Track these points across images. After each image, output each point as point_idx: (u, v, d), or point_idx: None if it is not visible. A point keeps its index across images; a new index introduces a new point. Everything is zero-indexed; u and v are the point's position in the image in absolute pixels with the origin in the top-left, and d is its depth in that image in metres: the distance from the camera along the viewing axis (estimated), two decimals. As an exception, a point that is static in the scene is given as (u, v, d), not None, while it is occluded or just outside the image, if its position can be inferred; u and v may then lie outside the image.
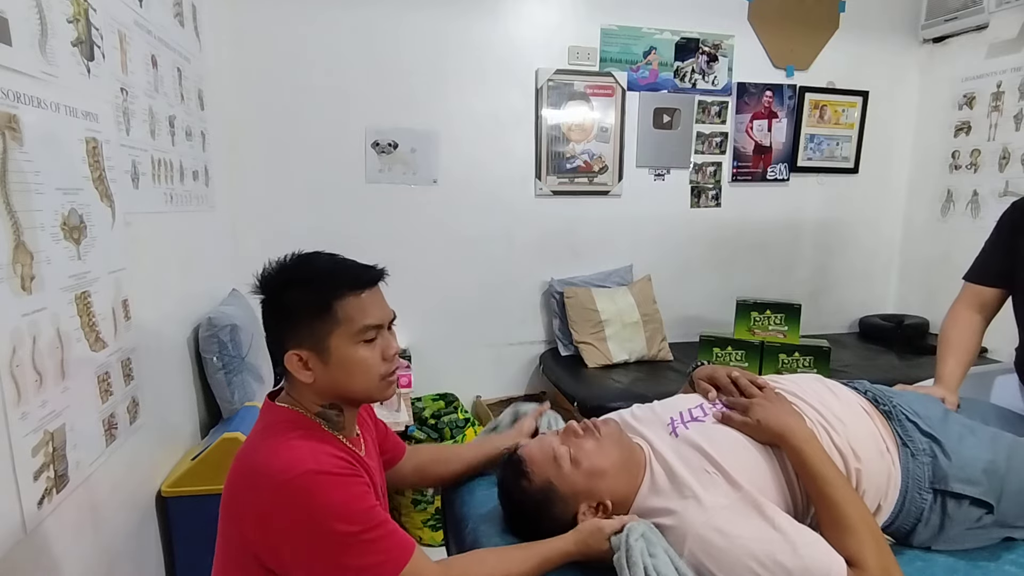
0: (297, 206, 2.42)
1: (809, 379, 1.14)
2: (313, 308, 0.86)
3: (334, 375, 0.88)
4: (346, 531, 0.78)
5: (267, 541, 0.81)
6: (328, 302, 0.86)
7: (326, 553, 0.78)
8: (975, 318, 1.44)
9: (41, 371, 0.99)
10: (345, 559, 0.79)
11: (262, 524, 0.81)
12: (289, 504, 0.78)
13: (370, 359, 0.89)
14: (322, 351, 0.87)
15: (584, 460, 0.97)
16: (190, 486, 1.49)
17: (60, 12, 1.09)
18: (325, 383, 0.88)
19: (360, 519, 0.79)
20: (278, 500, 0.78)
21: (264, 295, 0.90)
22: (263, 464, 0.82)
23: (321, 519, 0.78)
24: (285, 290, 0.88)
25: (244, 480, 0.85)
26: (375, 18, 2.39)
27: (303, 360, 0.87)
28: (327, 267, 0.90)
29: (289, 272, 0.89)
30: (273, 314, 0.90)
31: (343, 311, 0.86)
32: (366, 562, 0.79)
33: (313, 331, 0.86)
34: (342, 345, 0.87)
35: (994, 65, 2.69)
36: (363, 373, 0.89)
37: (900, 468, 1.00)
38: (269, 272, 0.90)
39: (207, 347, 1.70)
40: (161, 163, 1.57)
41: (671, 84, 2.76)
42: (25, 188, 0.96)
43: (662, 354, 2.60)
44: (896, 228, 3.21)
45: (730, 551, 0.83)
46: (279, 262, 0.90)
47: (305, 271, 0.89)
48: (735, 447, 0.97)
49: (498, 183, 2.63)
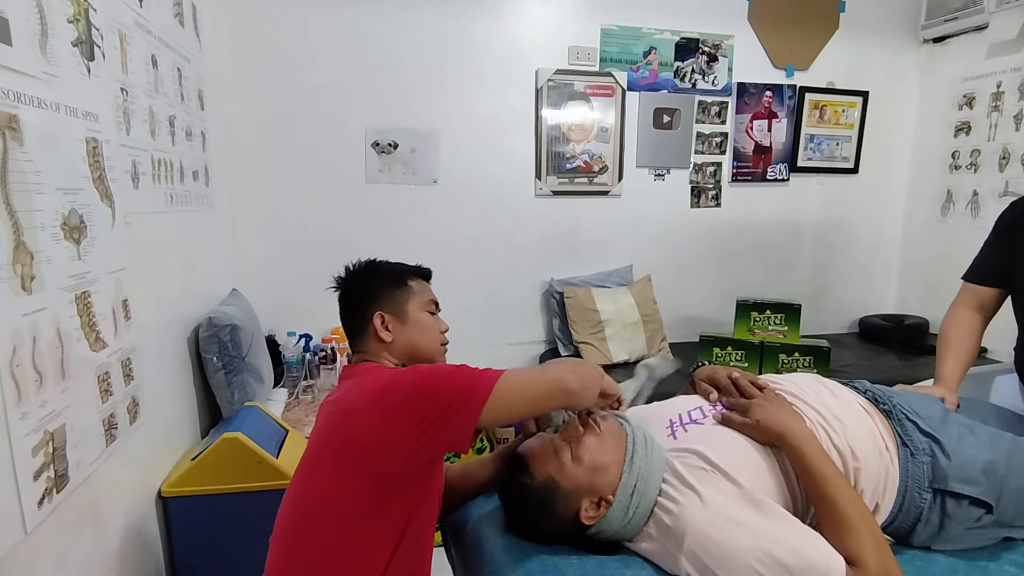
0: (297, 206, 2.42)
1: (808, 379, 1.14)
2: (394, 282, 1.12)
3: (409, 333, 1.10)
4: (451, 368, 0.93)
5: (386, 422, 0.89)
6: (405, 279, 1.14)
7: (437, 391, 0.89)
8: (974, 318, 1.44)
9: (41, 371, 0.99)
10: (453, 388, 0.89)
11: (378, 407, 0.90)
12: (399, 378, 0.92)
13: (435, 324, 1.15)
14: (400, 314, 1.10)
15: (586, 455, 0.97)
16: (190, 486, 1.49)
17: (60, 12, 1.09)
18: (402, 340, 1.09)
19: (457, 367, 0.94)
20: (389, 381, 0.92)
21: (347, 284, 1.14)
22: (365, 382, 0.97)
23: (427, 372, 0.92)
24: (369, 276, 1.13)
25: (351, 396, 0.96)
26: (375, 18, 2.39)
27: (385, 322, 1.08)
28: (395, 263, 1.18)
29: (367, 267, 1.15)
30: (359, 293, 1.11)
31: (416, 286, 1.14)
32: (469, 376, 0.91)
33: (395, 298, 1.11)
34: (416, 310, 1.12)
35: (994, 65, 2.69)
36: (431, 333, 1.13)
37: (899, 467, 1.00)
38: (349, 270, 1.15)
39: (207, 347, 1.70)
40: (161, 163, 1.57)
41: (671, 84, 2.76)
42: (25, 188, 0.96)
43: (662, 354, 2.60)
44: (896, 228, 3.21)
45: (729, 548, 0.83)
46: (356, 264, 1.16)
47: (380, 264, 1.16)
48: (735, 448, 0.97)
49: (498, 183, 2.63)
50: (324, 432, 0.99)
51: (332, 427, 0.97)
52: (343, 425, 0.94)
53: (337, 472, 0.93)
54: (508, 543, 1.01)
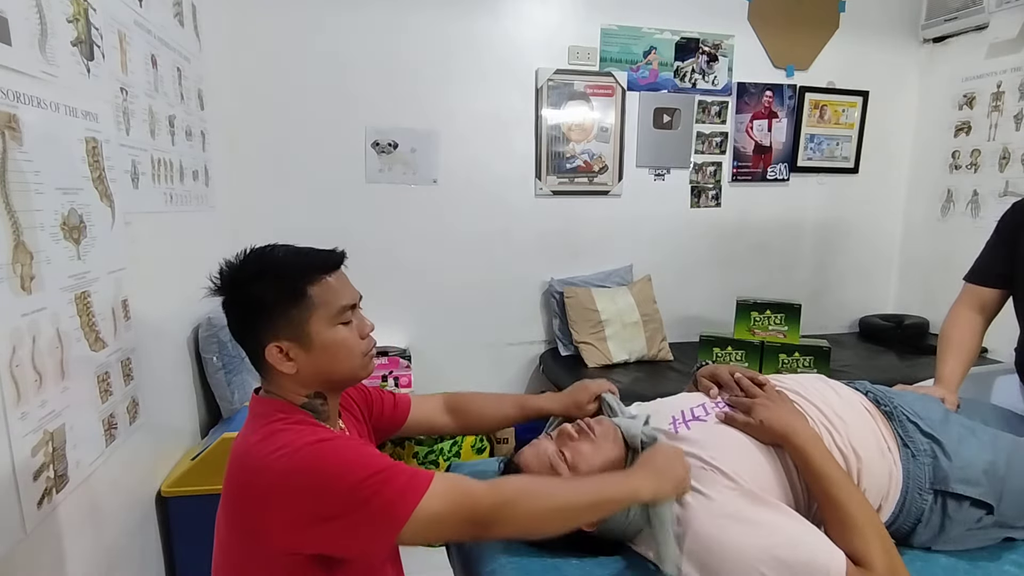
0: (297, 206, 2.42)
1: (811, 378, 1.14)
2: (288, 296, 0.85)
3: (318, 361, 0.87)
4: (353, 479, 0.76)
5: (290, 524, 0.77)
6: (302, 288, 0.85)
7: (347, 503, 0.75)
8: (976, 319, 1.44)
9: (41, 371, 0.99)
10: (370, 501, 0.75)
11: (271, 517, 0.77)
12: (296, 485, 0.76)
13: (350, 339, 0.89)
14: (302, 338, 0.86)
15: (582, 463, 0.97)
16: (190, 486, 1.49)
17: (60, 12, 1.09)
18: (309, 371, 0.87)
19: (370, 464, 0.77)
20: (286, 483, 0.76)
21: (229, 293, 0.88)
22: (262, 452, 0.79)
23: (332, 483, 0.76)
24: (255, 283, 0.86)
25: (244, 475, 0.82)
26: (375, 18, 2.39)
27: (284, 351, 0.86)
28: (292, 256, 0.89)
29: (254, 266, 0.87)
30: (245, 310, 0.88)
31: (318, 295, 0.86)
32: (389, 492, 0.76)
33: (290, 320, 0.85)
34: (322, 329, 0.86)
35: (994, 65, 2.69)
36: (346, 353, 0.89)
37: (901, 468, 1.00)
38: (230, 270, 0.88)
39: (207, 347, 1.70)
40: (161, 163, 1.57)
41: (671, 84, 2.76)
42: (25, 188, 0.96)
43: (662, 354, 2.60)
44: (896, 228, 3.21)
45: (729, 546, 0.83)
46: (237, 259, 0.88)
47: (270, 262, 0.87)
48: (737, 447, 0.97)
49: (498, 183, 2.63)
50: (227, 500, 0.85)
51: (233, 500, 0.84)
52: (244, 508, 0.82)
53: (244, 555, 0.83)
54: (508, 543, 1.01)
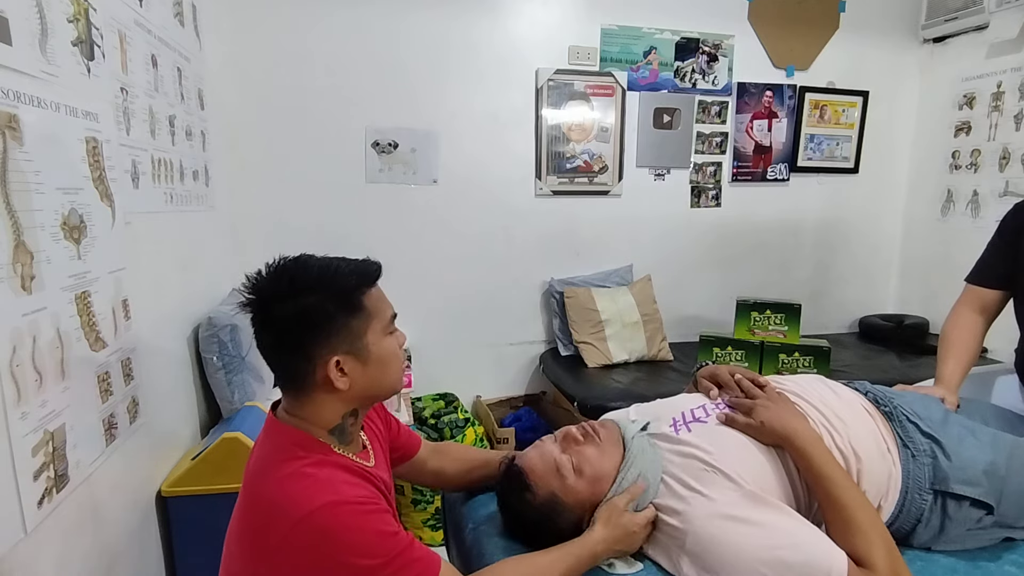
0: (297, 206, 2.41)
1: (811, 379, 1.15)
2: (347, 308, 0.81)
3: (371, 373, 0.84)
4: (369, 564, 0.74)
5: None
6: (359, 299, 0.83)
7: None
8: (976, 319, 1.44)
9: (41, 371, 0.98)
10: None
11: (279, 562, 0.76)
12: (307, 542, 0.74)
13: (398, 350, 0.88)
14: (360, 351, 0.82)
15: (587, 468, 0.96)
16: (190, 486, 1.49)
17: (60, 12, 1.09)
18: (361, 385, 0.84)
19: (382, 550, 0.76)
20: (295, 539, 0.74)
21: (270, 309, 0.81)
22: (277, 498, 0.77)
23: (342, 555, 0.74)
24: (307, 296, 0.80)
25: (258, 517, 0.80)
26: (375, 18, 2.38)
27: (340, 365, 0.81)
28: (338, 266, 0.84)
29: (300, 279, 0.81)
30: (294, 325, 0.80)
31: (372, 306, 0.84)
32: None
33: (351, 332, 0.82)
34: (377, 340, 0.84)
35: (994, 65, 2.69)
36: (396, 364, 0.87)
37: (901, 468, 1.00)
38: (269, 284, 0.81)
39: (207, 347, 1.70)
40: (161, 163, 1.57)
41: (671, 84, 2.76)
42: (25, 188, 0.96)
43: (662, 354, 2.60)
44: (896, 228, 3.21)
45: (730, 547, 0.83)
46: (275, 271, 0.82)
47: (318, 274, 0.82)
48: (738, 448, 0.97)
49: (498, 183, 2.63)
50: (241, 531, 0.84)
51: (246, 533, 0.83)
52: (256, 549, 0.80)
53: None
54: (508, 544, 1.01)
